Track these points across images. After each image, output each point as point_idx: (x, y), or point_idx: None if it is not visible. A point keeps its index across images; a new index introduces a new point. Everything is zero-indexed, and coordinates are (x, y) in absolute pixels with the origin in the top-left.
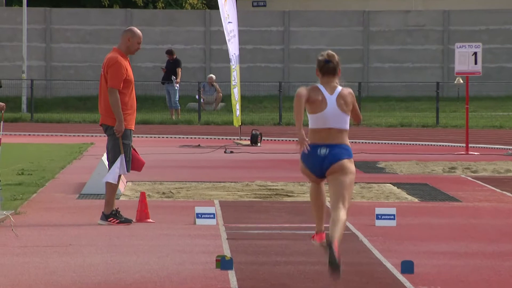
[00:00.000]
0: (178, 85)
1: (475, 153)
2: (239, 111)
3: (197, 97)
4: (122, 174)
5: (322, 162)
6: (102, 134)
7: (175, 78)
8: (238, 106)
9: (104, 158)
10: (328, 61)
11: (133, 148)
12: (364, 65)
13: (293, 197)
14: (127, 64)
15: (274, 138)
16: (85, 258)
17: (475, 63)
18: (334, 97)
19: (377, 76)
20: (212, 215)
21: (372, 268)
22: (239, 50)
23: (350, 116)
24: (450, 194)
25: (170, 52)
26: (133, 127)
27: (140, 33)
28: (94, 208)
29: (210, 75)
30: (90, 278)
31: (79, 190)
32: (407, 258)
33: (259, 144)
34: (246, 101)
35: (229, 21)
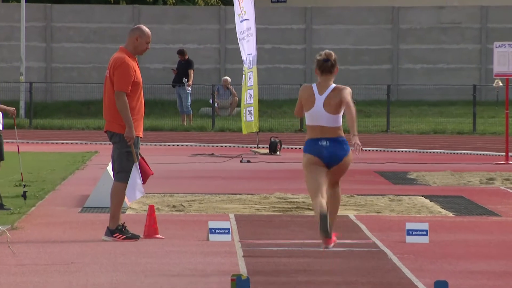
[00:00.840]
0: (190, 88)
1: None
2: (254, 116)
3: (210, 101)
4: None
5: (326, 151)
6: (107, 142)
7: (187, 81)
8: (254, 110)
9: (109, 168)
10: (326, 60)
11: (141, 156)
12: (393, 66)
13: None
14: (135, 65)
15: (294, 146)
16: (88, 277)
17: None
18: (323, 98)
19: (407, 78)
20: (227, 231)
21: None
22: (257, 50)
23: (342, 112)
24: (488, 207)
25: (181, 52)
26: (141, 134)
27: (149, 31)
28: (98, 223)
29: (225, 78)
30: None
31: (82, 203)
32: (441, 278)
33: (279, 152)
34: (264, 105)
35: (245, 18)
